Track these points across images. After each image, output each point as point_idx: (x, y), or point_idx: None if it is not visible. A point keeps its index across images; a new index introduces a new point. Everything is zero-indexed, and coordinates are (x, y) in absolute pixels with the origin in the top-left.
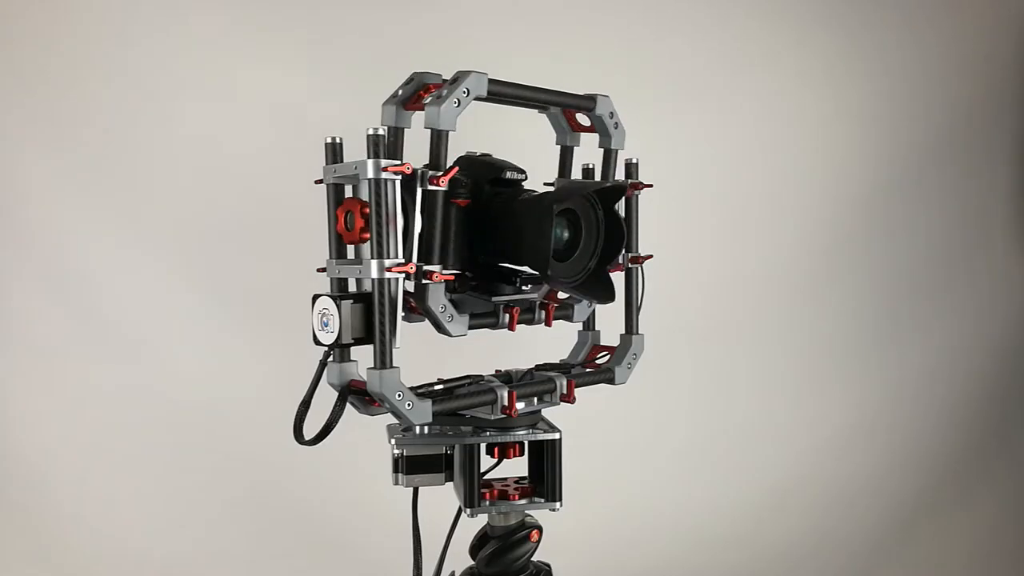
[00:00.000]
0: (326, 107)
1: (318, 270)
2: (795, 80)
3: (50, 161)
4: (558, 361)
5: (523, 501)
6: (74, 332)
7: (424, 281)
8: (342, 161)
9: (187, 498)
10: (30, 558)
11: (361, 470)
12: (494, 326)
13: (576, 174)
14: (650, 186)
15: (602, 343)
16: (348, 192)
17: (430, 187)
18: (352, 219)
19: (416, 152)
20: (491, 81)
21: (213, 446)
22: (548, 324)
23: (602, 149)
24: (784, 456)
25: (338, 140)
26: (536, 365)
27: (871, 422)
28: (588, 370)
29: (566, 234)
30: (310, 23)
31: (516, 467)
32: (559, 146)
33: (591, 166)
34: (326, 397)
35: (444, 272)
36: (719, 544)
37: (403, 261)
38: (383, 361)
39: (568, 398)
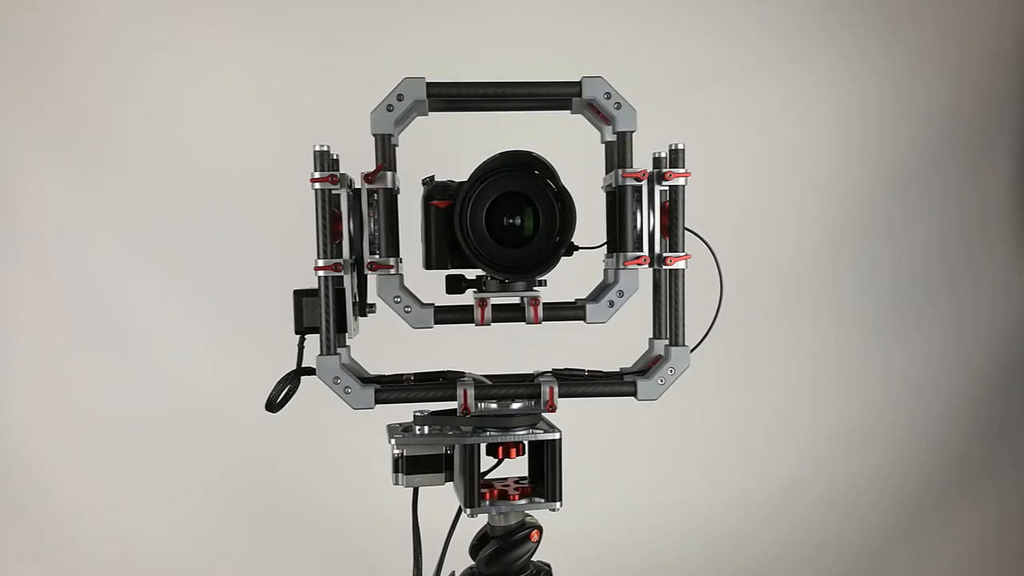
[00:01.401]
0: (326, 107)
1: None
2: (796, 80)
3: (50, 162)
4: (583, 369)
5: (523, 501)
6: (74, 332)
7: (365, 272)
8: (329, 168)
9: (187, 498)
10: (31, 558)
11: (361, 470)
12: (470, 320)
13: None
14: (688, 174)
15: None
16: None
17: (366, 186)
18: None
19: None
20: (436, 84)
21: (213, 447)
22: (536, 321)
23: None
24: (785, 456)
25: (326, 148)
26: (553, 369)
27: (872, 421)
28: (599, 378)
29: (518, 220)
30: (310, 22)
31: (516, 467)
32: (604, 145)
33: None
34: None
35: (378, 262)
36: (719, 544)
37: (331, 263)
38: (327, 348)
39: (549, 406)
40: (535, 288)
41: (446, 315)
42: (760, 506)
